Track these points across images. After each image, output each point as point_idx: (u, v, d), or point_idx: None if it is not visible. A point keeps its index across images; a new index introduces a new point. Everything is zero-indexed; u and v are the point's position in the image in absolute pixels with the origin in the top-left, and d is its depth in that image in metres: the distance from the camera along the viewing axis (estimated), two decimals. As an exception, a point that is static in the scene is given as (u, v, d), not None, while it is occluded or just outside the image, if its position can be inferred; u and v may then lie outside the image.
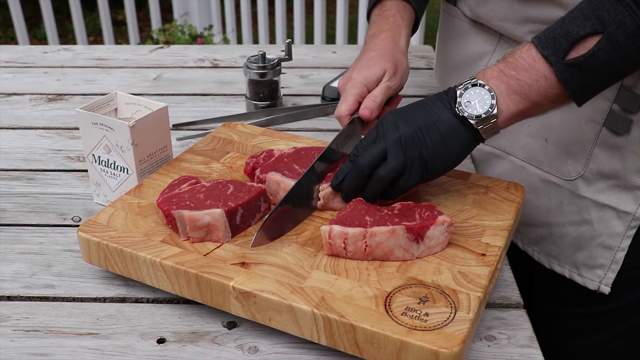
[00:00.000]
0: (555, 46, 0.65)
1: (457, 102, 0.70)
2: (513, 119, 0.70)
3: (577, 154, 0.83)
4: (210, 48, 1.48)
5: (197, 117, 1.13)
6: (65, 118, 1.13)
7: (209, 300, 0.66)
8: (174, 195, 0.73)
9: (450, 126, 0.70)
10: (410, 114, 0.71)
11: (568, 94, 0.67)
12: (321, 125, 1.11)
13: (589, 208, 0.84)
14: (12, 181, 0.94)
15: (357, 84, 0.83)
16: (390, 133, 0.71)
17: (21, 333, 0.67)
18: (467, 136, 0.70)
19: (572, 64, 0.65)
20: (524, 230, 0.93)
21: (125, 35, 3.66)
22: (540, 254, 0.92)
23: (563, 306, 0.93)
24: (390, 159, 0.70)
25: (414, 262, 0.67)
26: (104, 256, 0.70)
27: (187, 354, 0.65)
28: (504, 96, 0.69)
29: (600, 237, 0.84)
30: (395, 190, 0.72)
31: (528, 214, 0.91)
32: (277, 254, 0.68)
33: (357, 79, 0.84)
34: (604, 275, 0.85)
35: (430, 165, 0.71)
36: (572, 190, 0.85)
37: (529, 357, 0.64)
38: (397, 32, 0.89)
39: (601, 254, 0.84)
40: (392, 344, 0.58)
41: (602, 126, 0.79)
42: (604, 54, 0.63)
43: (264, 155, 0.83)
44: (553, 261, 0.90)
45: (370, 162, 0.71)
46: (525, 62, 0.68)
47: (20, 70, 1.33)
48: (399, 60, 0.86)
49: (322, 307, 0.61)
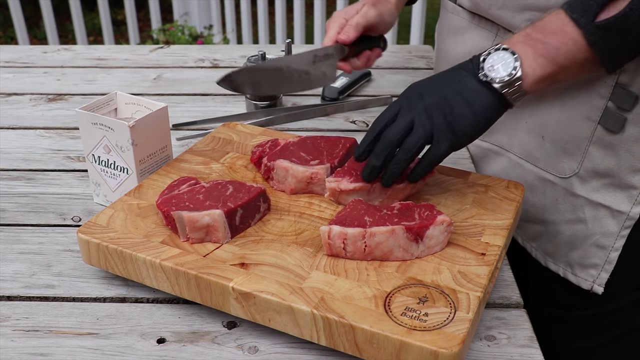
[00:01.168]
0: (584, 8, 0.65)
1: (480, 68, 0.69)
2: (540, 83, 0.69)
3: (572, 151, 0.83)
4: (210, 48, 1.48)
5: (197, 117, 1.13)
6: (65, 118, 1.13)
7: (209, 301, 0.66)
8: (174, 196, 0.73)
9: (475, 92, 0.70)
10: (433, 84, 0.72)
11: (598, 58, 0.66)
12: (321, 125, 1.11)
13: (584, 207, 0.84)
14: (12, 181, 0.94)
15: (337, 17, 0.90)
16: (415, 104, 0.70)
17: (21, 333, 0.67)
18: (493, 100, 0.70)
19: (602, 26, 0.64)
20: (523, 227, 0.93)
21: (125, 35, 3.66)
22: (537, 251, 0.92)
23: (559, 309, 0.93)
24: (417, 128, 0.70)
25: (413, 262, 0.67)
26: (104, 257, 0.70)
27: (187, 354, 0.65)
28: (530, 59, 0.68)
29: (594, 236, 0.84)
30: (428, 161, 0.72)
31: (525, 210, 0.91)
32: (277, 255, 0.68)
33: (338, 14, 0.90)
34: (597, 275, 0.85)
35: (459, 129, 0.70)
36: (566, 189, 0.85)
37: (529, 357, 0.64)
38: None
39: (595, 253, 0.84)
40: (392, 344, 0.58)
41: (597, 124, 0.79)
42: (636, 15, 0.62)
43: (270, 145, 0.85)
44: (548, 259, 0.90)
45: (398, 134, 0.70)
46: (553, 25, 0.67)
47: (20, 70, 1.33)
48: (382, 2, 0.91)
49: (321, 307, 0.61)
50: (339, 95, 1.18)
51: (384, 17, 0.91)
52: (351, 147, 0.85)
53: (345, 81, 1.21)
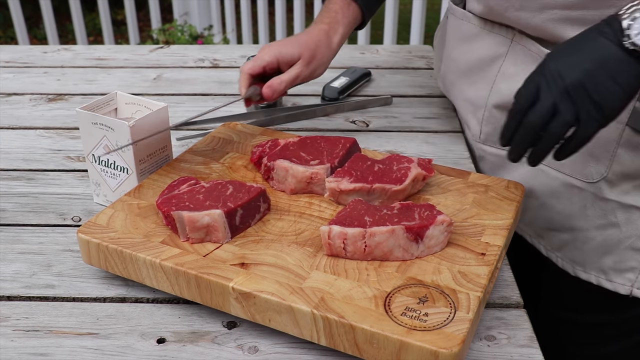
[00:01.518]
0: None
1: (626, 35, 0.62)
2: None
3: (600, 155, 0.80)
4: (210, 48, 1.48)
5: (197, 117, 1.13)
6: (65, 118, 1.13)
7: (209, 301, 0.66)
8: (174, 196, 0.73)
9: (619, 62, 0.63)
10: (572, 58, 0.65)
11: None
12: (321, 125, 1.11)
13: (615, 210, 0.81)
14: (12, 181, 0.94)
15: (272, 51, 0.89)
16: (556, 84, 0.65)
17: (21, 333, 0.67)
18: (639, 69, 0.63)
19: None
20: (547, 236, 0.90)
21: (125, 35, 3.66)
22: (564, 261, 0.88)
23: (579, 314, 0.90)
24: (561, 113, 0.65)
25: (413, 262, 0.67)
26: (104, 257, 0.70)
27: (187, 354, 0.65)
28: None
29: (629, 239, 0.81)
30: (576, 142, 0.66)
31: (550, 218, 0.87)
32: (277, 255, 0.68)
33: (274, 47, 0.90)
34: (635, 279, 0.82)
35: (607, 108, 0.64)
36: (595, 193, 0.82)
37: (529, 357, 0.64)
38: (333, 28, 0.94)
39: (631, 256, 0.81)
40: (392, 344, 0.58)
41: (625, 125, 0.77)
42: None
43: (270, 145, 0.85)
44: (578, 267, 0.87)
45: (542, 120, 0.65)
46: None
47: (20, 70, 1.33)
48: (321, 54, 0.90)
49: (321, 307, 0.61)
50: (339, 95, 1.18)
51: (315, 74, 0.94)
52: (351, 147, 0.85)
53: (345, 81, 1.21)
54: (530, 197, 0.88)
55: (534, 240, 0.92)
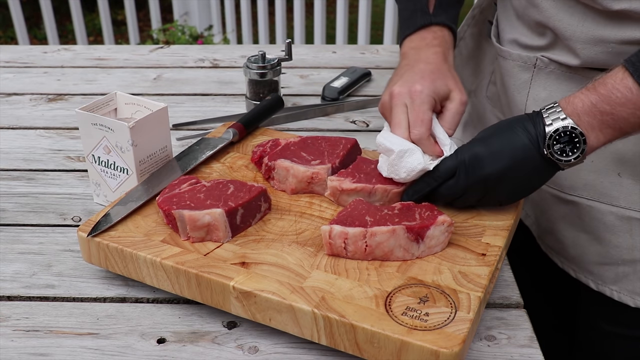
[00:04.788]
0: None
1: (547, 145, 0.67)
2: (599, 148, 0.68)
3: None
4: (210, 48, 1.48)
5: (197, 117, 1.13)
6: (65, 118, 1.13)
7: (209, 300, 0.66)
8: (174, 195, 0.73)
9: (536, 169, 0.69)
10: (495, 150, 0.69)
11: None
12: (321, 125, 1.11)
13: None
14: (12, 181, 0.94)
15: (427, 97, 0.75)
16: (475, 170, 0.70)
17: (21, 333, 0.67)
18: (550, 173, 0.70)
19: None
20: (599, 271, 0.85)
21: (125, 35, 3.66)
22: (621, 293, 0.84)
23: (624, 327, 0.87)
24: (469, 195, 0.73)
25: (414, 262, 0.67)
26: (104, 256, 0.70)
27: (187, 354, 0.65)
28: (596, 131, 0.66)
29: None
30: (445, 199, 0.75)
31: (606, 253, 0.83)
32: (277, 254, 0.68)
33: (424, 92, 0.75)
34: None
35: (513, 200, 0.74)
36: None
37: (529, 357, 0.64)
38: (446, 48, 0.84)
39: None
40: (393, 343, 0.58)
41: None
42: None
43: (271, 144, 0.85)
44: (638, 299, 0.83)
45: (452, 197, 0.74)
46: (621, 95, 0.63)
47: (20, 70, 1.33)
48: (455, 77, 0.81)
49: (322, 307, 0.61)
50: (339, 95, 1.18)
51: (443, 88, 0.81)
52: (352, 148, 0.85)
53: (345, 81, 1.21)
54: (580, 232, 0.85)
55: (579, 275, 0.88)
